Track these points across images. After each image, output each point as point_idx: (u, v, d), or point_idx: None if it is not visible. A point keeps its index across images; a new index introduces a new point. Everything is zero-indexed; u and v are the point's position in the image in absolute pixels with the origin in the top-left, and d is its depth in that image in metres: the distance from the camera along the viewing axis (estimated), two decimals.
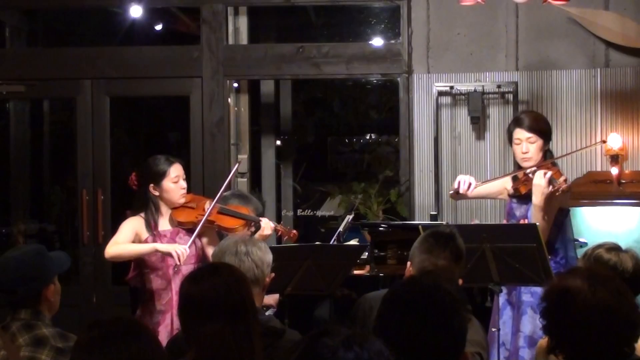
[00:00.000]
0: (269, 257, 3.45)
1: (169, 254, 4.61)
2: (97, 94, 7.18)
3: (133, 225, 4.79)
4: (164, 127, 9.32)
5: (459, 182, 5.01)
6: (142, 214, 4.80)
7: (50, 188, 8.71)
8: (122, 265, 7.28)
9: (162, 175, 4.78)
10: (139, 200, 4.85)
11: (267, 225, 4.82)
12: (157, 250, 4.67)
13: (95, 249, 7.10)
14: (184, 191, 4.83)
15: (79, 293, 7.00)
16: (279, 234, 5.02)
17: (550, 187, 4.70)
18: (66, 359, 3.11)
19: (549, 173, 4.74)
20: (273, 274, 3.48)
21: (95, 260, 7.10)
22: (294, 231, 5.04)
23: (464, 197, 5.12)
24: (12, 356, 3.17)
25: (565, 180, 4.74)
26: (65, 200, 8.35)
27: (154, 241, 4.74)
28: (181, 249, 4.60)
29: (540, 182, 4.72)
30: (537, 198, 4.73)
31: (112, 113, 7.23)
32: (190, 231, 4.78)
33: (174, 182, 4.79)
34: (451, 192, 5.07)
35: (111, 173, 7.20)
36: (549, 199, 4.74)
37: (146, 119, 9.40)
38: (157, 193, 4.80)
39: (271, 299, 5.04)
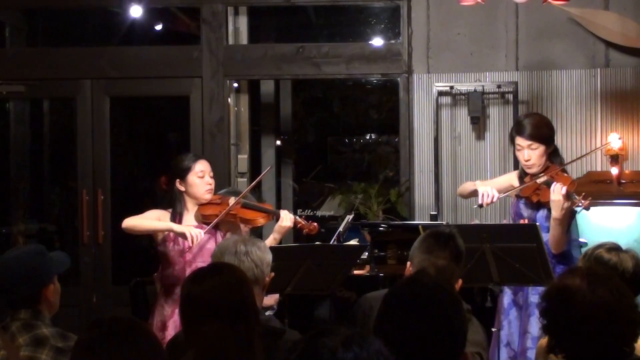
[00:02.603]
0: (268, 256, 3.45)
1: (183, 235, 4.67)
2: (97, 94, 7.18)
3: (158, 214, 4.89)
4: (164, 127, 9.32)
5: (483, 196, 4.89)
6: (170, 210, 4.89)
7: (50, 188, 8.71)
8: (123, 265, 7.33)
9: (187, 169, 4.86)
10: (166, 198, 4.92)
11: (286, 217, 4.85)
12: (171, 230, 4.72)
13: (95, 249, 7.10)
14: (210, 187, 4.89)
15: (79, 293, 7.00)
16: (299, 226, 5.02)
17: (569, 202, 4.67)
18: (66, 359, 3.11)
19: (565, 188, 4.68)
20: (273, 274, 3.49)
21: (95, 260, 7.10)
22: (315, 224, 5.02)
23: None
24: (12, 356, 3.17)
25: (585, 196, 4.68)
26: (65, 200, 8.35)
27: (177, 236, 4.81)
28: (196, 232, 4.66)
29: (558, 197, 4.66)
30: (557, 213, 4.68)
31: (112, 113, 7.23)
32: (213, 226, 4.82)
33: (199, 177, 4.86)
34: (475, 206, 5.02)
35: (111, 173, 7.20)
36: (569, 211, 4.72)
37: (146, 119, 9.40)
38: (183, 188, 4.88)
39: (271, 299, 5.05)
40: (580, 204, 4.65)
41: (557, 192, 4.68)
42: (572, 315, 2.55)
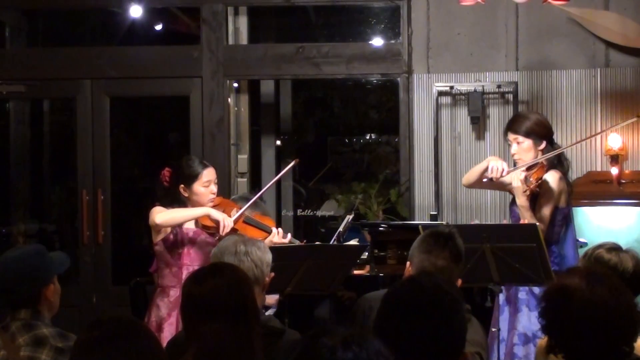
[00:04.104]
0: (268, 256, 3.45)
1: (217, 221, 4.66)
2: (97, 94, 7.18)
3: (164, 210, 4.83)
4: (164, 127, 9.32)
5: (492, 168, 4.83)
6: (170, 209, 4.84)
7: (50, 188, 8.71)
8: (123, 265, 7.33)
9: (194, 178, 4.81)
10: (167, 196, 4.87)
11: (276, 232, 4.82)
12: (209, 214, 4.69)
13: (95, 249, 7.10)
14: (214, 196, 4.87)
15: (79, 293, 7.00)
16: None
17: (527, 186, 4.70)
18: (66, 359, 3.11)
19: (523, 174, 4.75)
20: (273, 274, 3.49)
21: (95, 260, 7.10)
22: None
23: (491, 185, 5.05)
24: (12, 356, 3.17)
25: (538, 179, 4.71)
26: (65, 200, 8.35)
27: (176, 238, 4.78)
28: (228, 222, 4.65)
29: (517, 184, 4.74)
30: (519, 199, 4.76)
31: (112, 113, 7.23)
32: (212, 235, 4.80)
33: (205, 186, 4.82)
34: (485, 180, 4.98)
35: (111, 173, 7.20)
36: (533, 199, 4.75)
37: (146, 119, 9.40)
38: (186, 194, 4.83)
39: (273, 298, 5.05)
40: (529, 188, 4.67)
41: (515, 179, 4.74)
42: (571, 315, 2.55)
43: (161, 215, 4.71)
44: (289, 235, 4.88)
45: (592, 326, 2.52)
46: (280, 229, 4.88)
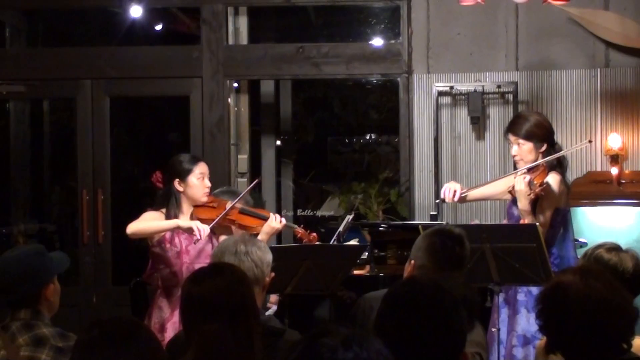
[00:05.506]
0: (268, 256, 3.45)
1: (190, 229, 4.68)
2: (97, 94, 7.18)
3: (154, 216, 4.85)
4: (164, 127, 9.32)
5: (444, 191, 5.06)
6: (163, 210, 4.85)
7: (50, 188, 8.71)
8: (123, 265, 7.33)
9: (188, 171, 4.85)
10: (161, 197, 4.89)
11: (276, 219, 4.82)
12: (178, 227, 4.72)
13: (95, 249, 7.10)
14: (208, 190, 4.89)
15: (79, 293, 7.00)
16: (299, 236, 5.02)
17: (531, 191, 4.71)
18: (66, 359, 3.11)
19: (528, 177, 4.75)
20: (273, 274, 3.49)
21: (95, 260, 7.10)
22: (314, 234, 5.02)
23: (462, 200, 5.15)
24: (12, 356, 3.17)
25: (542, 184, 4.72)
26: (65, 200, 8.35)
27: (172, 237, 4.80)
28: (203, 226, 4.66)
29: (521, 187, 4.74)
30: (522, 203, 4.75)
31: (112, 113, 7.23)
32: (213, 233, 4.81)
33: (199, 178, 4.86)
34: (437, 201, 5.09)
35: (111, 173, 7.20)
36: (534, 202, 4.75)
37: (146, 119, 9.40)
38: (181, 188, 4.85)
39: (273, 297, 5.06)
40: (534, 191, 4.68)
41: (519, 183, 4.76)
42: (567, 310, 2.55)
43: (132, 226, 4.77)
44: (283, 219, 4.89)
45: (589, 321, 2.52)
46: (277, 215, 4.89)
